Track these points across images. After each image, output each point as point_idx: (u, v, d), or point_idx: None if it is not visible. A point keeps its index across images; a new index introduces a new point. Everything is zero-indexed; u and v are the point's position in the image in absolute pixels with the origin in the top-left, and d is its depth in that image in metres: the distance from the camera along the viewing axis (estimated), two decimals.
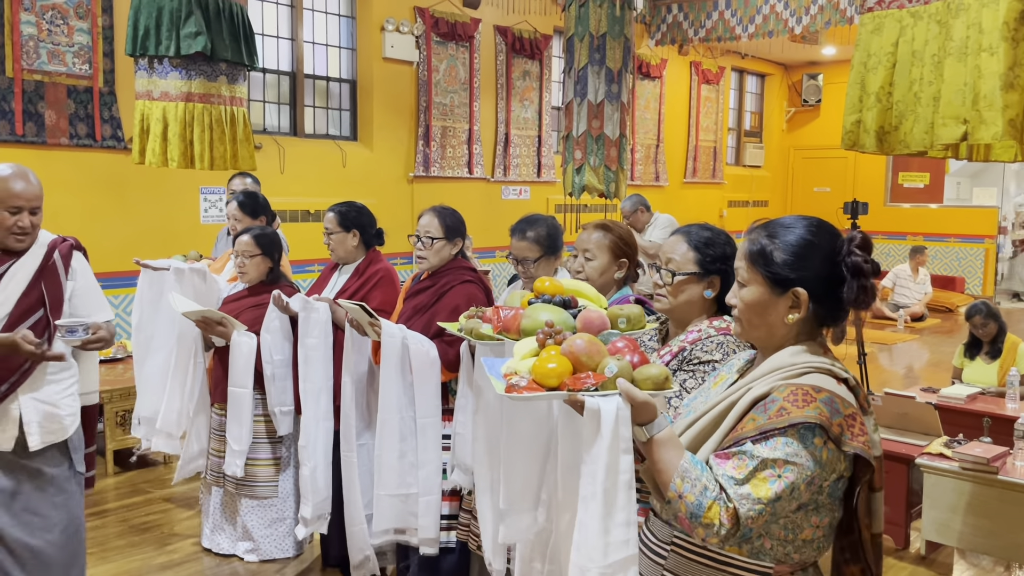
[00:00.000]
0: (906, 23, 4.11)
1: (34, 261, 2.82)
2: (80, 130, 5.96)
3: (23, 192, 2.73)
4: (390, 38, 8.00)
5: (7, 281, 2.77)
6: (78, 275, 2.93)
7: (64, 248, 2.92)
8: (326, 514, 3.54)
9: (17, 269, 2.80)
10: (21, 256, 2.81)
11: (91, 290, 2.97)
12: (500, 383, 1.67)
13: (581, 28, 6.75)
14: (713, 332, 2.09)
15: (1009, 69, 3.63)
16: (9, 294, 2.76)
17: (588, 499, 1.54)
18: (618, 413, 1.51)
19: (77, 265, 2.95)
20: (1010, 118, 3.65)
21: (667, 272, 2.12)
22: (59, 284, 2.84)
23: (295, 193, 7.35)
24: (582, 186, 6.80)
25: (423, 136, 8.35)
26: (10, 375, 2.76)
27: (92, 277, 3.00)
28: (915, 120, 4.07)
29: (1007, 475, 3.69)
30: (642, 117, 11.00)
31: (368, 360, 3.38)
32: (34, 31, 5.70)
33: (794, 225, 1.66)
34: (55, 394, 2.85)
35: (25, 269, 2.80)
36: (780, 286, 1.62)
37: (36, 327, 2.75)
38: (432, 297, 3.26)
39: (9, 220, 2.73)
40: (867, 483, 1.60)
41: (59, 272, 2.86)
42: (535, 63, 9.47)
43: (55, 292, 2.82)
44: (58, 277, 2.84)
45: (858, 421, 1.55)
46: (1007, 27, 3.63)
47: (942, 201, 13.14)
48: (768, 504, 1.48)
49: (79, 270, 2.95)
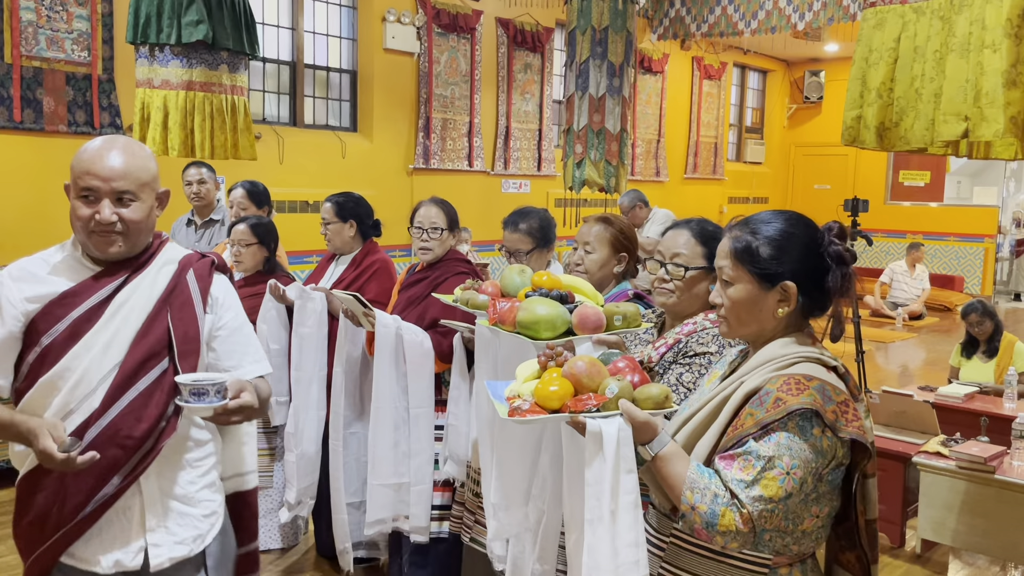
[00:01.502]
0: (908, 18, 4.09)
1: (156, 284, 1.89)
2: (79, 117, 5.94)
3: (99, 170, 1.81)
4: (391, 29, 7.98)
5: (115, 311, 1.83)
6: (221, 307, 1.99)
7: (202, 267, 1.98)
8: (307, 499, 3.56)
9: (130, 294, 1.85)
10: (136, 274, 1.88)
11: (239, 330, 2.00)
12: (503, 406, 1.69)
13: (583, 21, 6.72)
14: (708, 324, 2.09)
15: (1012, 66, 3.62)
16: (120, 331, 1.82)
17: (595, 522, 1.55)
18: (619, 434, 1.53)
19: (220, 293, 2.00)
20: (1012, 115, 3.63)
21: (676, 267, 2.10)
22: (194, 319, 1.90)
23: (294, 184, 7.33)
24: (582, 180, 6.79)
25: (423, 128, 8.33)
26: (127, 456, 1.78)
27: (241, 311, 2.04)
28: (916, 116, 4.05)
29: (1004, 474, 3.68)
30: (643, 112, 10.98)
31: (361, 350, 3.38)
32: (33, 17, 5.67)
33: (773, 220, 1.67)
34: (188, 484, 1.91)
35: (142, 295, 1.86)
36: (768, 281, 1.63)
37: (160, 386, 1.83)
38: (426, 288, 3.26)
39: (84, 211, 1.84)
40: (862, 469, 1.61)
41: (193, 302, 1.92)
42: (536, 56, 9.45)
43: (187, 331, 1.88)
44: (192, 309, 1.91)
45: (851, 408, 1.56)
46: (1010, 23, 3.61)
47: (942, 200, 13.13)
48: (780, 502, 1.49)
49: (223, 300, 2.00)
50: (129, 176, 1.82)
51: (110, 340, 1.80)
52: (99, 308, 1.82)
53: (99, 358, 1.79)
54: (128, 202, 1.82)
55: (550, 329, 2.01)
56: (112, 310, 1.82)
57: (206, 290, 1.95)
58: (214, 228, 4.92)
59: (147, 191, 1.85)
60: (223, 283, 2.03)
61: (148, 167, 1.86)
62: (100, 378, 1.79)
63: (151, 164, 1.88)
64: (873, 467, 1.63)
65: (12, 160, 5.70)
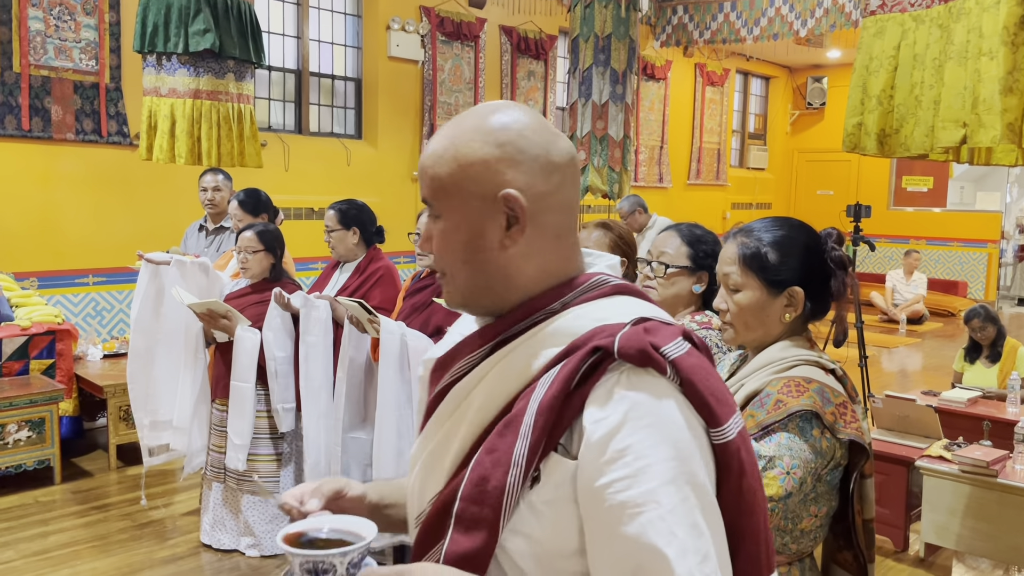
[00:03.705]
0: (908, 27, 4.13)
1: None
2: (86, 126, 5.99)
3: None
4: (395, 37, 8.03)
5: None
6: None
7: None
8: None
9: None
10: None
11: None
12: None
13: (586, 29, 6.77)
14: (695, 326, 2.15)
15: (1008, 73, 3.64)
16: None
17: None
18: None
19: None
20: (1009, 122, 3.66)
21: (659, 265, 2.19)
22: None
23: (299, 191, 7.37)
24: (586, 187, 6.82)
25: (428, 135, 8.37)
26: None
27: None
28: (916, 123, 4.08)
29: (1007, 478, 3.69)
30: (646, 118, 11.01)
31: (366, 357, 3.40)
32: (41, 27, 5.73)
33: (776, 226, 1.70)
34: None
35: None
36: (776, 287, 1.66)
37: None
38: (430, 295, 3.28)
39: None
40: (860, 470, 1.64)
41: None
42: (540, 63, 9.49)
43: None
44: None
45: (849, 409, 1.60)
46: (1007, 32, 3.64)
47: (945, 205, 13.14)
48: (780, 501, 1.52)
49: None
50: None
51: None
52: None
53: None
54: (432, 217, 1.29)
55: None
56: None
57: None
58: (224, 235, 4.96)
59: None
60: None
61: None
62: None
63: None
64: (870, 467, 1.66)
65: (20, 168, 5.75)
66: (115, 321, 6.31)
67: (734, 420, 0.99)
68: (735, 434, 0.99)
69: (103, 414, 5.43)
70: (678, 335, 1.00)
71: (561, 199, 1.06)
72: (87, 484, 4.83)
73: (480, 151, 1.03)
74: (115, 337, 6.06)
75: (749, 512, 1.00)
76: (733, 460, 0.98)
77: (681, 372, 0.96)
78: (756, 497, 1.01)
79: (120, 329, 6.30)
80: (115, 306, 6.29)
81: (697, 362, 0.99)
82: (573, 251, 1.09)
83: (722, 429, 0.98)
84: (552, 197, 1.05)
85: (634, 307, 1.04)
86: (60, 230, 5.97)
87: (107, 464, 5.08)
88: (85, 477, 4.93)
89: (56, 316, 5.21)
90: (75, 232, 6.03)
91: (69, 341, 5.19)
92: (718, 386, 0.99)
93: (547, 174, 1.04)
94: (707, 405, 0.97)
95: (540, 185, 1.04)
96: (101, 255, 6.10)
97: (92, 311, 6.19)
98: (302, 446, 3.82)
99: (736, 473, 0.98)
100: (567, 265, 1.08)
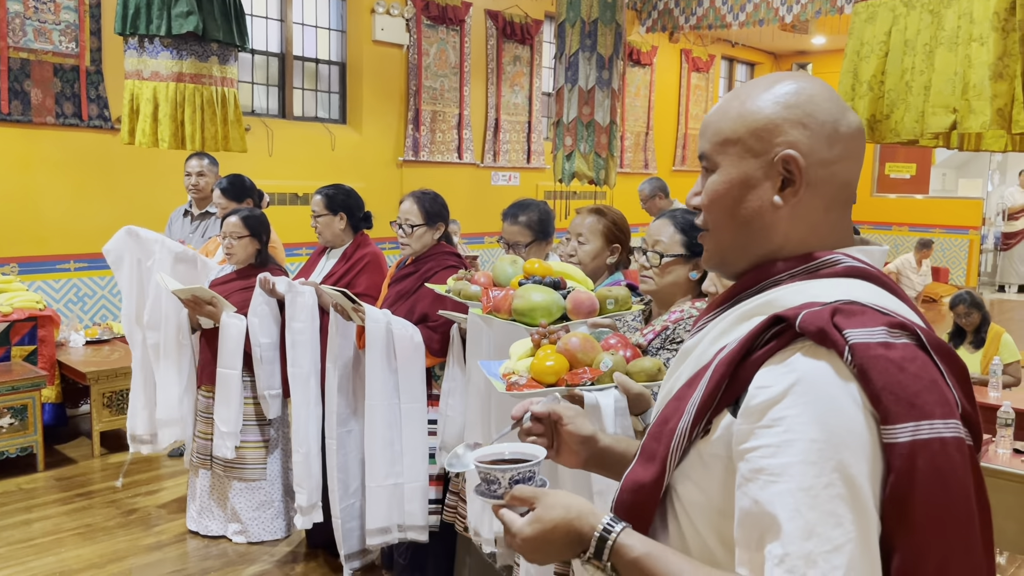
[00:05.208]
0: (899, 12, 4.13)
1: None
2: (66, 109, 5.91)
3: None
4: (380, 20, 7.96)
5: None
6: None
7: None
8: (316, 500, 3.54)
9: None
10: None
11: None
12: (500, 383, 1.70)
13: (572, 14, 6.73)
14: (695, 312, 2.14)
15: (998, 59, 3.66)
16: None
17: (605, 493, 1.59)
18: (616, 405, 1.56)
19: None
20: (998, 107, 3.67)
21: (654, 254, 2.18)
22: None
23: (283, 176, 7.31)
24: (572, 173, 6.81)
25: (412, 120, 8.32)
26: None
27: None
28: (906, 109, 4.09)
29: (989, 462, 3.73)
30: (632, 104, 10.99)
31: (353, 346, 3.37)
32: (20, 8, 5.63)
33: None
34: None
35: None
36: None
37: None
38: (415, 283, 3.25)
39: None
40: None
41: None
42: (526, 48, 9.44)
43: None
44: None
45: None
46: (997, 17, 3.65)
47: (928, 192, 13.22)
48: None
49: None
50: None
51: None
52: None
53: None
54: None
55: (546, 315, 2.04)
56: None
57: None
58: (209, 220, 4.92)
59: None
60: None
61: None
62: None
63: None
64: None
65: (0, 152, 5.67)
66: (97, 307, 6.25)
67: (918, 426, 0.91)
68: (910, 438, 0.91)
69: (86, 401, 5.38)
70: (881, 324, 0.94)
71: (839, 171, 1.06)
72: (71, 471, 4.79)
73: (767, 110, 1.05)
74: (97, 324, 6.00)
75: (913, 530, 0.91)
76: (901, 465, 0.90)
77: (857, 358, 0.92)
78: (940, 522, 0.92)
79: (103, 316, 6.24)
80: (97, 292, 6.22)
81: (886, 354, 0.92)
82: (835, 229, 1.07)
83: (893, 428, 0.91)
84: (832, 167, 1.05)
85: (859, 290, 1.01)
86: (41, 215, 5.90)
87: (91, 451, 5.03)
88: (69, 464, 4.89)
89: (38, 302, 5.15)
90: (56, 217, 5.95)
91: (51, 327, 5.13)
92: (910, 384, 0.92)
93: (831, 143, 1.04)
94: (879, 399, 0.91)
95: (822, 152, 1.04)
96: (83, 240, 6.02)
97: (74, 297, 6.12)
98: (289, 432, 3.80)
99: (903, 480, 0.91)
100: (825, 241, 1.07)
